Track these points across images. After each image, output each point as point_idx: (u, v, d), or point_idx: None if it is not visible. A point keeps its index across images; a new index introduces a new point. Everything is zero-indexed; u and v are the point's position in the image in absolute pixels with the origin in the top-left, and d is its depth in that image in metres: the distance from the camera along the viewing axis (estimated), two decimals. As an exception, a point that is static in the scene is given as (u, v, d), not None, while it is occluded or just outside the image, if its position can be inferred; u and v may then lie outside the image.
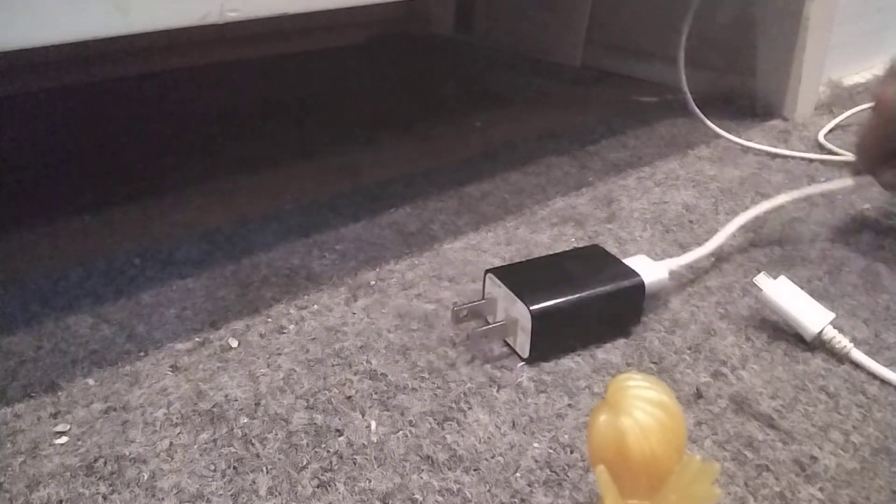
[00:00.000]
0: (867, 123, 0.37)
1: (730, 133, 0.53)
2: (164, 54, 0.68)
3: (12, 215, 0.41)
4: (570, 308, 0.29)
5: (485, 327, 0.29)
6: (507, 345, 0.30)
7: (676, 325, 0.32)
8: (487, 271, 0.30)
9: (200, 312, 0.32)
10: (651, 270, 0.32)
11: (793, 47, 0.55)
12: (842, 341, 0.29)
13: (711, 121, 0.55)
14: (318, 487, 0.23)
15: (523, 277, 0.30)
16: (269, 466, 0.24)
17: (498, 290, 0.30)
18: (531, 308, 0.28)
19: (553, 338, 0.29)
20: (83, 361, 0.29)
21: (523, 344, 0.29)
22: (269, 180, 0.46)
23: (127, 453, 0.24)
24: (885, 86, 0.36)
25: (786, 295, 0.31)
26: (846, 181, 0.39)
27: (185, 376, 0.28)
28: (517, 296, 0.29)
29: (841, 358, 0.30)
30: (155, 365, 0.28)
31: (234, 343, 0.30)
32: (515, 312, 0.29)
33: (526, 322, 0.28)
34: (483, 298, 0.31)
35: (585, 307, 0.29)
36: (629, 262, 0.32)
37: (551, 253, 0.33)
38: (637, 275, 0.31)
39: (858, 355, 0.29)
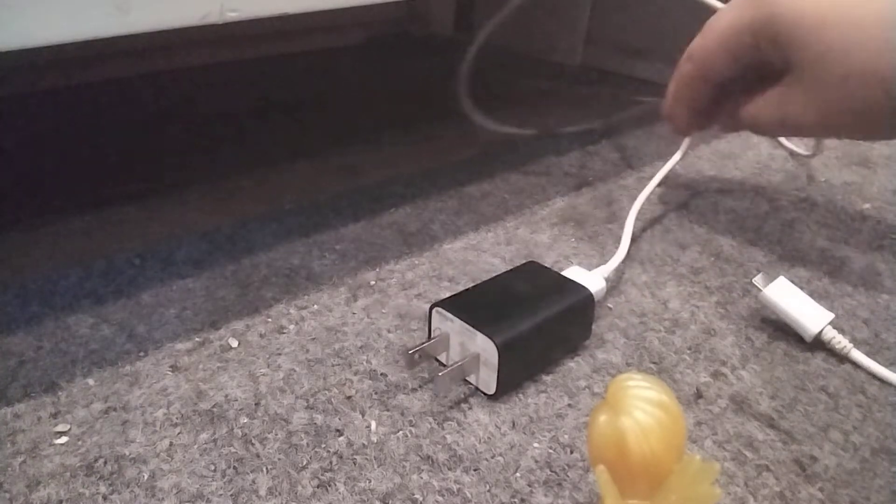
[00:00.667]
0: (678, 83, 0.35)
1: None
2: (164, 54, 0.68)
3: (12, 215, 0.41)
4: (533, 335, 0.27)
5: (448, 369, 0.26)
6: (467, 382, 0.28)
7: (676, 325, 0.32)
8: (434, 305, 0.28)
9: (200, 312, 0.32)
10: (592, 281, 0.31)
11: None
12: (842, 341, 0.29)
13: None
14: (318, 487, 0.23)
15: (475, 308, 0.28)
16: (269, 466, 0.24)
17: (450, 324, 0.27)
18: (496, 341, 0.26)
19: (518, 368, 0.27)
20: (83, 361, 0.29)
21: (487, 380, 0.27)
22: (269, 180, 0.46)
23: (127, 453, 0.24)
24: (695, 41, 0.34)
25: (785, 295, 0.31)
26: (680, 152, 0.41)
27: (185, 376, 0.28)
28: (477, 329, 0.26)
29: (841, 358, 0.30)
30: (155, 365, 0.28)
31: (234, 343, 0.30)
32: (476, 347, 0.27)
33: (491, 356, 0.26)
34: (432, 336, 0.28)
35: (547, 331, 0.28)
36: (568, 275, 0.31)
37: (491, 277, 0.31)
38: (586, 288, 0.29)
39: (858, 355, 0.29)
